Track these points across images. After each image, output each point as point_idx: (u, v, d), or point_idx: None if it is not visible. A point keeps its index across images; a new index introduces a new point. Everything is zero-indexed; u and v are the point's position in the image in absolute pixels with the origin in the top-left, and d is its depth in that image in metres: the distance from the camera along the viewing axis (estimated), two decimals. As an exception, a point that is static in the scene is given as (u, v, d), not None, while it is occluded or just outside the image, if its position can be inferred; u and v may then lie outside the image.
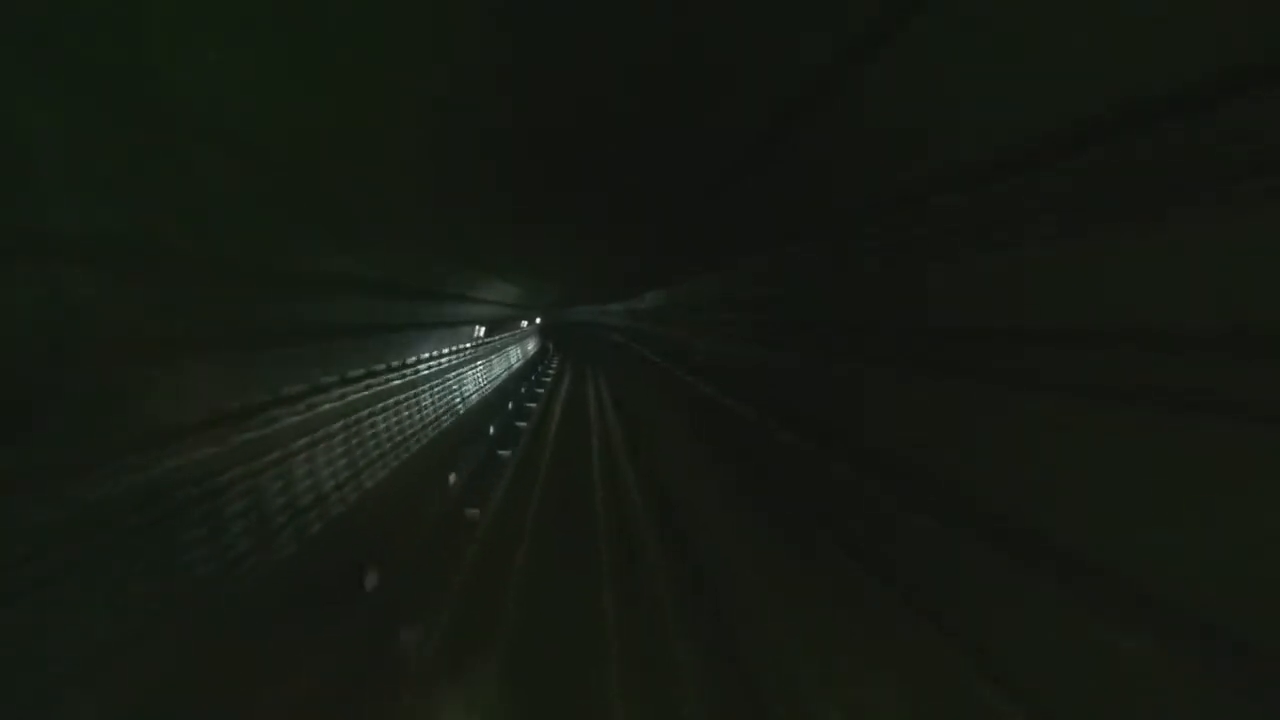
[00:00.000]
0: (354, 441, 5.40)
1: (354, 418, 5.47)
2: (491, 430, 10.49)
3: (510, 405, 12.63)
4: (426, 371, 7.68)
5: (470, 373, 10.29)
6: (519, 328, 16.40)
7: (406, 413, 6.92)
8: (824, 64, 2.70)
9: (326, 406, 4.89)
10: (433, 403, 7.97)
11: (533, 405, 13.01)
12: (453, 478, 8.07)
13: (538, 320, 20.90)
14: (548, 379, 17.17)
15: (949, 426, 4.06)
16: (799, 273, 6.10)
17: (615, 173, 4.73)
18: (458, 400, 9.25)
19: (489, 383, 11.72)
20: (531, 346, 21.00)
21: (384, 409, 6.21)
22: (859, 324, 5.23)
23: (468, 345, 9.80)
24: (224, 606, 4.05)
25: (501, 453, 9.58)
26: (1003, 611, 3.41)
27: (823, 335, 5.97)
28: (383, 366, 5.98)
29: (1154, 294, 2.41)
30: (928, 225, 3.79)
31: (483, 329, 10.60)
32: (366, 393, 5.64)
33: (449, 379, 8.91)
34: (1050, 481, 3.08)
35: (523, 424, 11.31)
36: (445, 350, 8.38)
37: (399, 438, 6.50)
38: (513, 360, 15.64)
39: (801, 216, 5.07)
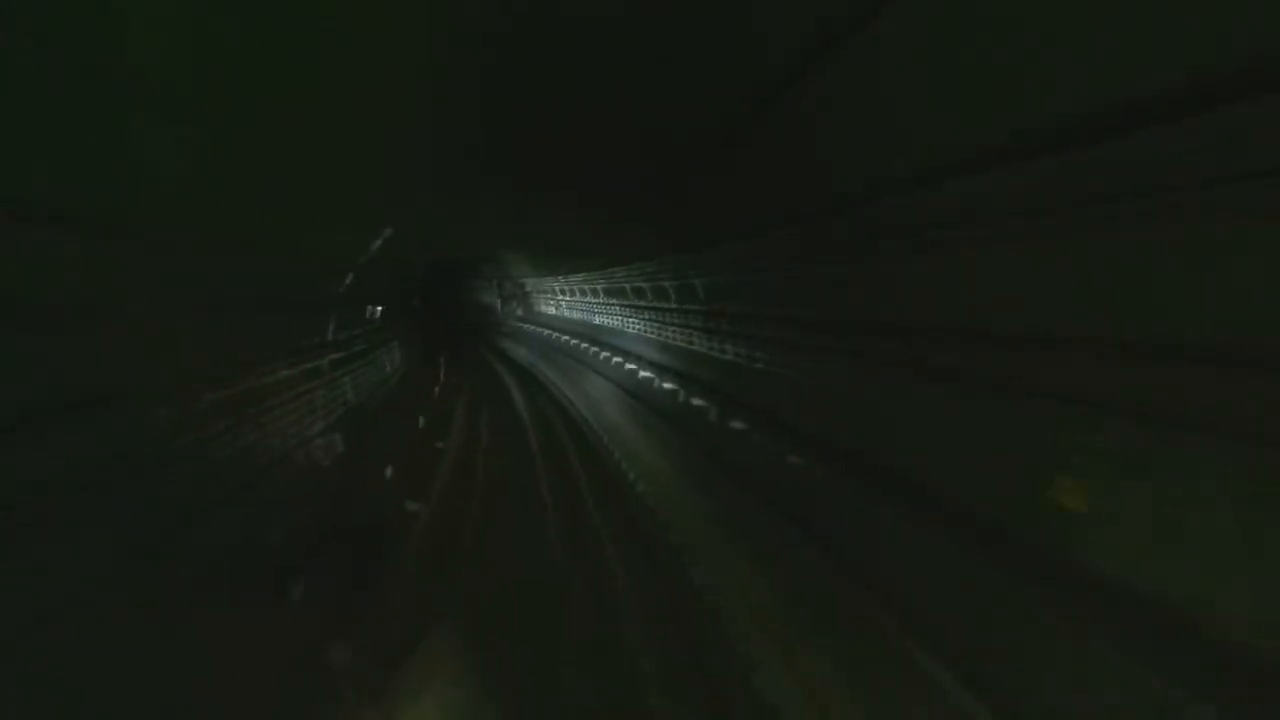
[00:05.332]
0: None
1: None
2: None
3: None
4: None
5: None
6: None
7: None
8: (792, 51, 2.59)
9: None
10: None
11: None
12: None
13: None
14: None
15: (920, 426, 3.97)
16: (769, 266, 5.92)
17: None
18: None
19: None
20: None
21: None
22: (829, 320, 5.08)
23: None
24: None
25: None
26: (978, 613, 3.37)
27: (790, 330, 5.83)
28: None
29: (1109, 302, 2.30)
30: (903, 221, 3.65)
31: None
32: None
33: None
34: (1026, 483, 3.02)
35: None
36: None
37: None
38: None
39: (772, 208, 4.90)
